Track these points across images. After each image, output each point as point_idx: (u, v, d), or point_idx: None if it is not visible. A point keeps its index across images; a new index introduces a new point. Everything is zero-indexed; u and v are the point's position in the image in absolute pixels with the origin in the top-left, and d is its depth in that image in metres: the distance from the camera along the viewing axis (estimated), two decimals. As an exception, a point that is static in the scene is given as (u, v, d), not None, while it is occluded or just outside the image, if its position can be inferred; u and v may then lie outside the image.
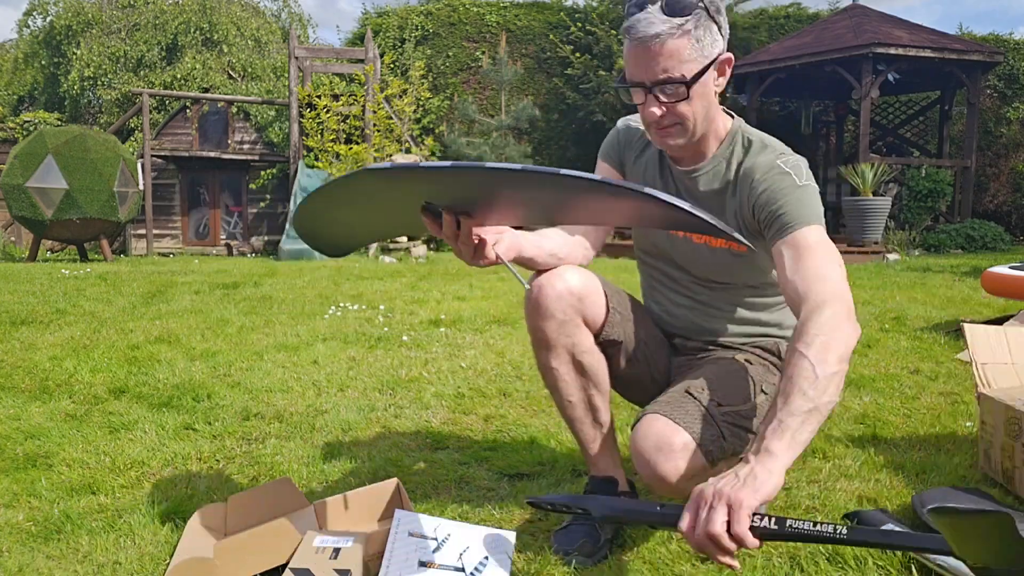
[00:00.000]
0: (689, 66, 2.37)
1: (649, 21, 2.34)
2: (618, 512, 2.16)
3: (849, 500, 2.99)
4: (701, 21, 2.37)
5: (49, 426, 4.11)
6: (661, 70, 2.38)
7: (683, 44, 2.35)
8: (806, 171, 2.50)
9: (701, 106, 2.48)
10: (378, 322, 7.24)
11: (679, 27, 2.34)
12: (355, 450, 3.79)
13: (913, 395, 4.60)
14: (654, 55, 2.36)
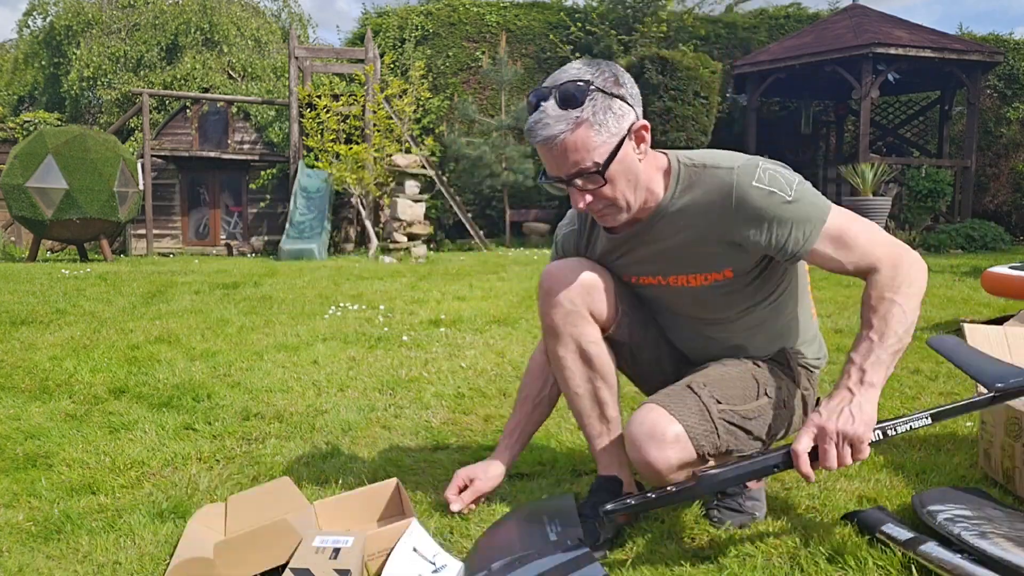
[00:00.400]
0: (599, 151, 2.40)
1: (544, 123, 2.38)
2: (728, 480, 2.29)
3: (849, 500, 2.99)
4: (597, 104, 2.40)
5: (49, 426, 4.11)
6: (571, 164, 2.41)
7: (583, 135, 2.38)
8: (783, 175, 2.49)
9: (625, 182, 2.49)
10: (378, 322, 7.24)
11: (575, 120, 2.37)
12: (355, 450, 3.79)
13: (913, 395, 4.60)
14: (559, 154, 2.40)
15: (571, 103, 2.36)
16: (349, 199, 18.23)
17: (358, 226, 18.68)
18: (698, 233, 2.56)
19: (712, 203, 2.51)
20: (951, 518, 2.52)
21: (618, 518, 2.76)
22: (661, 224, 2.61)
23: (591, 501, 2.79)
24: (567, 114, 2.36)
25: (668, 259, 2.67)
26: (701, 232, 2.56)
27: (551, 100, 2.38)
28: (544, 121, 2.37)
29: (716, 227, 2.52)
